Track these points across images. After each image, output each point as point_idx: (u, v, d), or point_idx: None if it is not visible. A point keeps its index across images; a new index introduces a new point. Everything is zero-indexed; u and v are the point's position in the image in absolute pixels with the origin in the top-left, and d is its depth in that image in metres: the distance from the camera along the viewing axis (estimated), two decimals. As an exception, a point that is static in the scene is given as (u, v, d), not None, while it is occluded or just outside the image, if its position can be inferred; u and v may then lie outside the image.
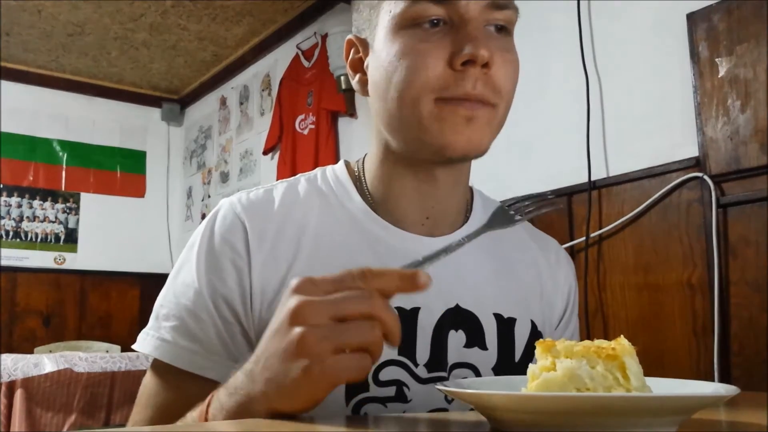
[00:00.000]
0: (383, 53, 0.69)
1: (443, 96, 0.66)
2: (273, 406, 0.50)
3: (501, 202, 0.75)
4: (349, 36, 0.77)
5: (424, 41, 0.66)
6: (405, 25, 0.67)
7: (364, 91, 0.75)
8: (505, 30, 0.69)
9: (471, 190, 0.84)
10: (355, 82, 0.77)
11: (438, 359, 0.71)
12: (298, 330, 0.47)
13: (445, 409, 0.70)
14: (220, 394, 0.55)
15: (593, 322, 1.80)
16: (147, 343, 0.70)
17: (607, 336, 1.67)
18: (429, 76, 0.65)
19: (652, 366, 1.57)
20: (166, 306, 0.71)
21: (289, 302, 0.49)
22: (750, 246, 1.49)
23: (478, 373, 0.72)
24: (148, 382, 0.71)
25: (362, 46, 0.75)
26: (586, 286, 1.82)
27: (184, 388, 0.67)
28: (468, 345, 0.73)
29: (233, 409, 0.52)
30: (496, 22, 0.68)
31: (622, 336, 0.48)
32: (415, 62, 0.66)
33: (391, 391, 0.68)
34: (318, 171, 0.81)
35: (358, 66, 0.76)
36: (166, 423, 0.64)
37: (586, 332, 1.80)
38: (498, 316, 0.75)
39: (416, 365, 0.70)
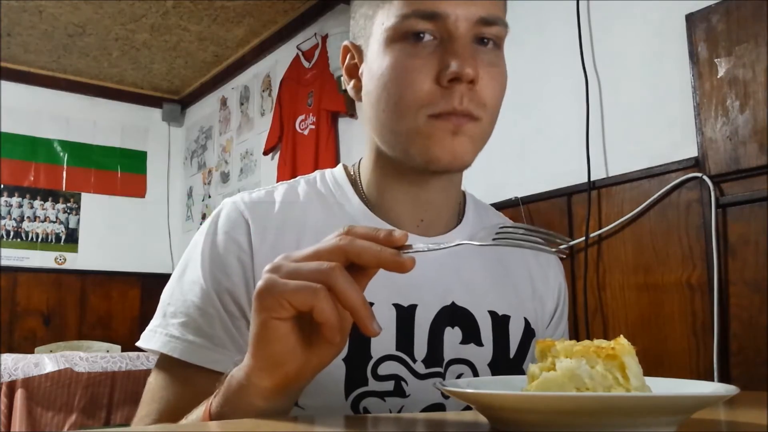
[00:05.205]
0: (375, 64, 0.71)
1: (433, 112, 0.68)
2: (256, 373, 0.52)
3: (500, 202, 0.76)
4: (345, 42, 0.78)
5: (414, 56, 0.68)
6: (396, 38, 0.69)
7: (358, 98, 0.77)
8: (493, 43, 0.71)
9: (464, 193, 0.86)
10: (350, 87, 0.78)
11: (435, 355, 0.72)
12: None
13: (442, 404, 0.72)
14: (222, 388, 0.56)
15: (593, 322, 1.81)
16: (155, 340, 0.71)
17: (607, 336, 1.67)
18: (418, 93, 0.68)
19: (652, 366, 1.57)
20: (173, 304, 0.72)
21: (259, 282, 0.51)
22: (749, 246, 1.50)
23: (474, 369, 0.74)
24: (154, 379, 0.71)
25: (357, 53, 0.76)
26: (586, 286, 1.83)
27: (192, 381, 0.68)
28: (464, 341, 0.74)
29: (229, 395, 0.54)
30: (483, 36, 0.70)
31: (621, 336, 0.48)
32: (405, 78, 0.68)
33: (389, 385, 0.70)
34: (317, 173, 0.83)
35: (354, 72, 0.77)
36: (173, 416, 0.64)
37: (586, 332, 1.81)
38: (493, 314, 0.77)
39: (414, 361, 0.71)
